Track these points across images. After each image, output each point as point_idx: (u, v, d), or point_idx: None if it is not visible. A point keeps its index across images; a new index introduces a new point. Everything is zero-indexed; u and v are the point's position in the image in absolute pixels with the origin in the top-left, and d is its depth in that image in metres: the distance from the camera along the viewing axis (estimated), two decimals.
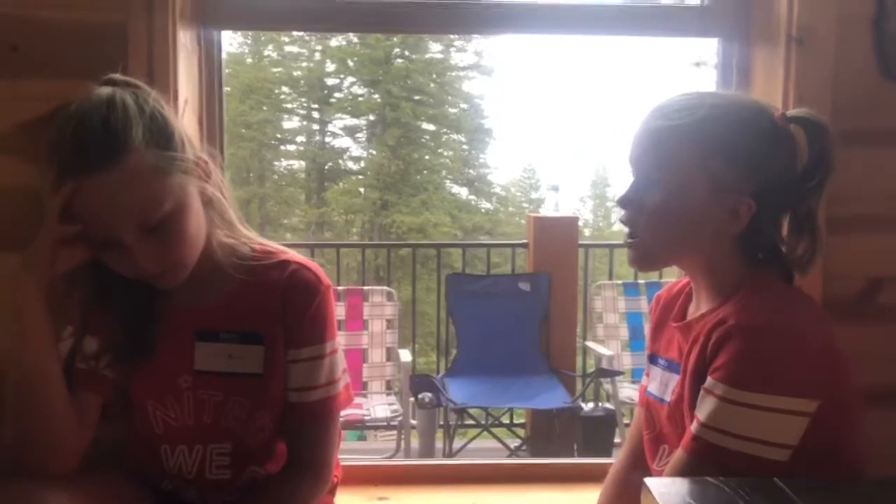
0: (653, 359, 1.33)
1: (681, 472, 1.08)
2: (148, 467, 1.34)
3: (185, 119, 1.56)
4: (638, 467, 1.32)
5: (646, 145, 1.17)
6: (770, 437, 1.04)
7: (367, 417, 3.74)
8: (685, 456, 1.09)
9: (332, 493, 1.48)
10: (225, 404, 1.29)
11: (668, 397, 1.23)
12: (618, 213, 1.22)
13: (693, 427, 1.09)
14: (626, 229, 1.21)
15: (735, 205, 1.13)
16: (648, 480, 0.91)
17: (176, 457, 1.31)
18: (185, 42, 1.57)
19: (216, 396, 1.28)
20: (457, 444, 4.13)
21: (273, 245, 1.34)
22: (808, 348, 1.08)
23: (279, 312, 1.28)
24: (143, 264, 1.15)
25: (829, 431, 1.07)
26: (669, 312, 1.30)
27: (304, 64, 19.49)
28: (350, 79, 19.40)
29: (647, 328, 4.43)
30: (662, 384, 1.27)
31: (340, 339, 1.37)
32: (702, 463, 1.05)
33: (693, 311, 1.23)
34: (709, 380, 1.08)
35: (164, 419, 1.30)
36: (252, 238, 1.33)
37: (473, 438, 4.31)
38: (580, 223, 5.13)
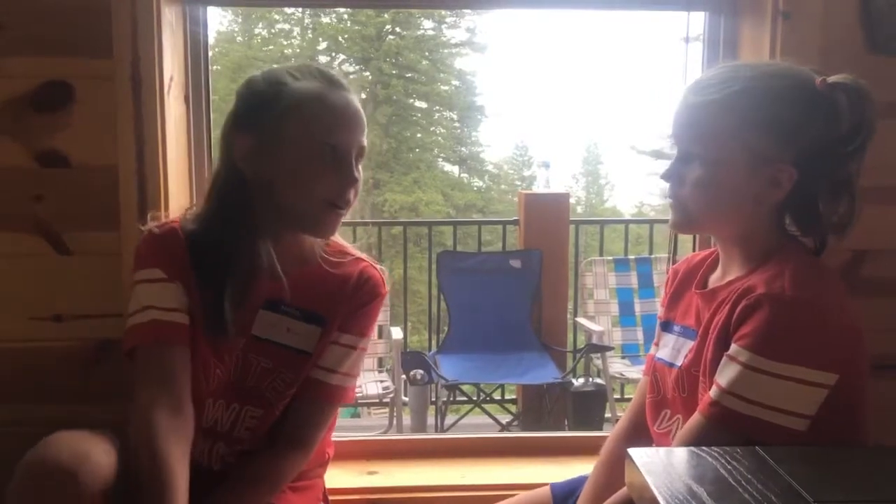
0: (666, 326, 1.35)
1: (697, 435, 1.09)
2: None
3: (171, 97, 1.56)
4: (637, 434, 1.35)
5: (684, 121, 1.20)
6: (789, 407, 1.06)
7: (358, 394, 3.76)
8: (703, 420, 1.10)
9: (324, 466, 1.52)
10: (271, 373, 1.37)
11: (679, 362, 1.25)
12: (609, 192, 1.24)
13: (712, 392, 1.10)
14: (668, 200, 1.24)
15: (775, 174, 1.15)
16: (631, 451, 0.92)
17: (216, 409, 1.37)
18: (170, 19, 1.56)
19: (265, 363, 1.37)
20: (448, 420, 4.15)
21: (347, 244, 1.45)
22: (833, 322, 1.09)
23: (345, 302, 1.38)
24: (356, 176, 1.31)
25: (845, 405, 1.09)
26: (690, 281, 1.32)
27: (296, 41, 19.34)
28: (341, 56, 19.25)
29: (637, 304, 4.43)
30: (675, 350, 1.29)
31: None
32: (719, 428, 1.07)
33: (719, 279, 1.26)
34: (733, 346, 1.10)
35: (218, 375, 1.36)
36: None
37: (465, 414, 4.34)
38: (573, 200, 5.13)
